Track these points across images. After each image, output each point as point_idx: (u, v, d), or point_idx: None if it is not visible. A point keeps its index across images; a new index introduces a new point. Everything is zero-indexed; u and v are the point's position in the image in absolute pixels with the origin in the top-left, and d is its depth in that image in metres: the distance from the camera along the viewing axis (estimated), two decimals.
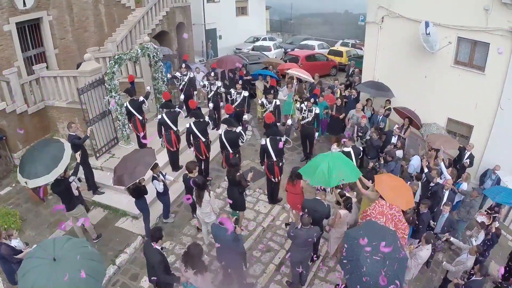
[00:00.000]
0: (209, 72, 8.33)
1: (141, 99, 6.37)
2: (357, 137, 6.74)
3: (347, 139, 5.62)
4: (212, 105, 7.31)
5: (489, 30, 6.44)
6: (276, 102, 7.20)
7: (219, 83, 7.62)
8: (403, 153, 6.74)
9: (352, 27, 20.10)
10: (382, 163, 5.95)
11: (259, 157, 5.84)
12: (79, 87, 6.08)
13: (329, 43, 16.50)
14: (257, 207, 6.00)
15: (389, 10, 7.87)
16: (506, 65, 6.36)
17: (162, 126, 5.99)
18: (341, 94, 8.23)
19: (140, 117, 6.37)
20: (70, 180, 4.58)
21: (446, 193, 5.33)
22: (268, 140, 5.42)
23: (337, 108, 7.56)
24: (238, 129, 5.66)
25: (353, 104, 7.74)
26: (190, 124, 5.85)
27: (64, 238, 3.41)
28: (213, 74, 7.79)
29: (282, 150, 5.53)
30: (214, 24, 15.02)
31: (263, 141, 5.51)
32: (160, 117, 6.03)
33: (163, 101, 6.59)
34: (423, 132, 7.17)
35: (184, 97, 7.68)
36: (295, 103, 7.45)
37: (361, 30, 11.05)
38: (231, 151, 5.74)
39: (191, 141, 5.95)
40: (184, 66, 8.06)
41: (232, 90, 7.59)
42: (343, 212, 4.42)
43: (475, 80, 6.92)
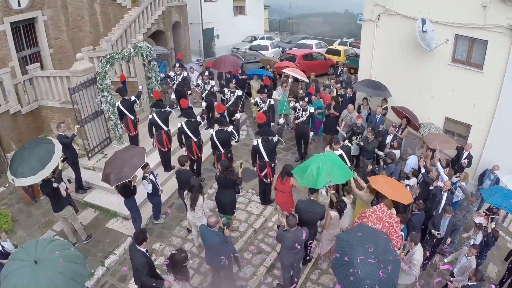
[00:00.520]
0: (203, 72, 8.25)
1: (132, 98, 6.32)
2: (356, 137, 6.61)
3: (334, 144, 5.50)
4: (205, 104, 7.23)
5: (487, 27, 6.31)
6: (270, 102, 7.11)
7: (212, 83, 7.55)
8: (400, 153, 6.63)
9: (351, 26, 20.00)
10: (381, 165, 5.83)
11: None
12: (70, 87, 6.04)
13: (327, 42, 16.39)
14: (249, 208, 5.92)
15: (385, 7, 7.75)
16: (505, 63, 6.22)
17: (153, 126, 5.93)
18: (337, 93, 8.12)
19: (132, 117, 6.32)
20: (53, 186, 4.53)
21: (444, 195, 5.20)
22: (260, 141, 5.33)
23: (333, 107, 7.47)
24: (230, 129, 5.58)
25: (348, 103, 7.65)
26: (182, 124, 5.79)
27: (46, 240, 3.39)
28: (207, 73, 7.72)
29: (274, 150, 5.44)
30: (211, 23, 14.97)
31: (254, 142, 5.42)
32: (151, 117, 5.96)
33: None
34: (422, 132, 7.04)
35: (176, 96, 7.61)
36: (289, 102, 7.36)
37: (360, 29, 10.91)
38: (222, 151, 5.66)
39: (183, 141, 5.88)
40: (178, 65, 8.00)
41: (225, 90, 7.51)
42: (334, 213, 4.33)
43: (473, 79, 6.78)
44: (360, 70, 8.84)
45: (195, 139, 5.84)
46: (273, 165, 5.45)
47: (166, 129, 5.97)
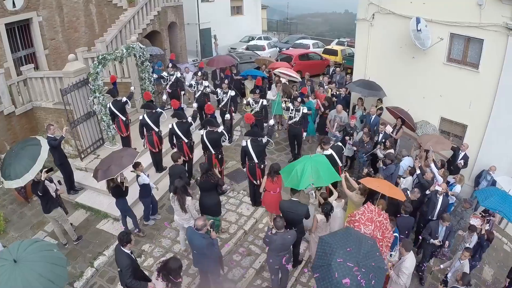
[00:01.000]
0: (196, 72, 8.23)
1: (124, 99, 6.31)
2: (349, 138, 6.54)
3: (324, 144, 5.43)
4: (196, 105, 7.20)
5: (483, 26, 6.21)
6: (263, 102, 7.06)
7: (206, 83, 7.51)
8: (394, 154, 6.54)
9: (351, 26, 19.88)
10: (381, 166, 5.73)
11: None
12: (62, 87, 6.04)
13: (327, 42, 16.28)
14: (239, 210, 5.88)
15: (380, 6, 7.67)
16: (501, 62, 6.13)
17: (144, 127, 5.92)
18: (331, 93, 8.05)
19: (124, 118, 6.31)
20: (38, 193, 4.56)
21: (440, 198, 5.10)
22: (249, 141, 5.28)
23: (326, 107, 7.41)
24: (220, 129, 5.55)
25: (342, 103, 7.58)
26: (173, 125, 5.76)
27: (31, 241, 3.39)
28: (200, 74, 7.69)
29: (263, 151, 5.39)
30: (208, 23, 14.94)
31: (243, 143, 5.37)
32: (141, 117, 5.95)
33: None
34: (419, 133, 6.95)
35: (167, 97, 7.60)
36: (283, 103, 7.31)
37: None
38: (213, 151, 5.63)
39: (174, 142, 5.86)
40: (171, 65, 7.98)
41: (218, 90, 7.48)
42: (320, 217, 4.27)
43: (468, 78, 6.69)
44: (355, 70, 8.77)
45: (186, 140, 5.81)
46: (262, 166, 5.40)
47: (156, 130, 5.95)
